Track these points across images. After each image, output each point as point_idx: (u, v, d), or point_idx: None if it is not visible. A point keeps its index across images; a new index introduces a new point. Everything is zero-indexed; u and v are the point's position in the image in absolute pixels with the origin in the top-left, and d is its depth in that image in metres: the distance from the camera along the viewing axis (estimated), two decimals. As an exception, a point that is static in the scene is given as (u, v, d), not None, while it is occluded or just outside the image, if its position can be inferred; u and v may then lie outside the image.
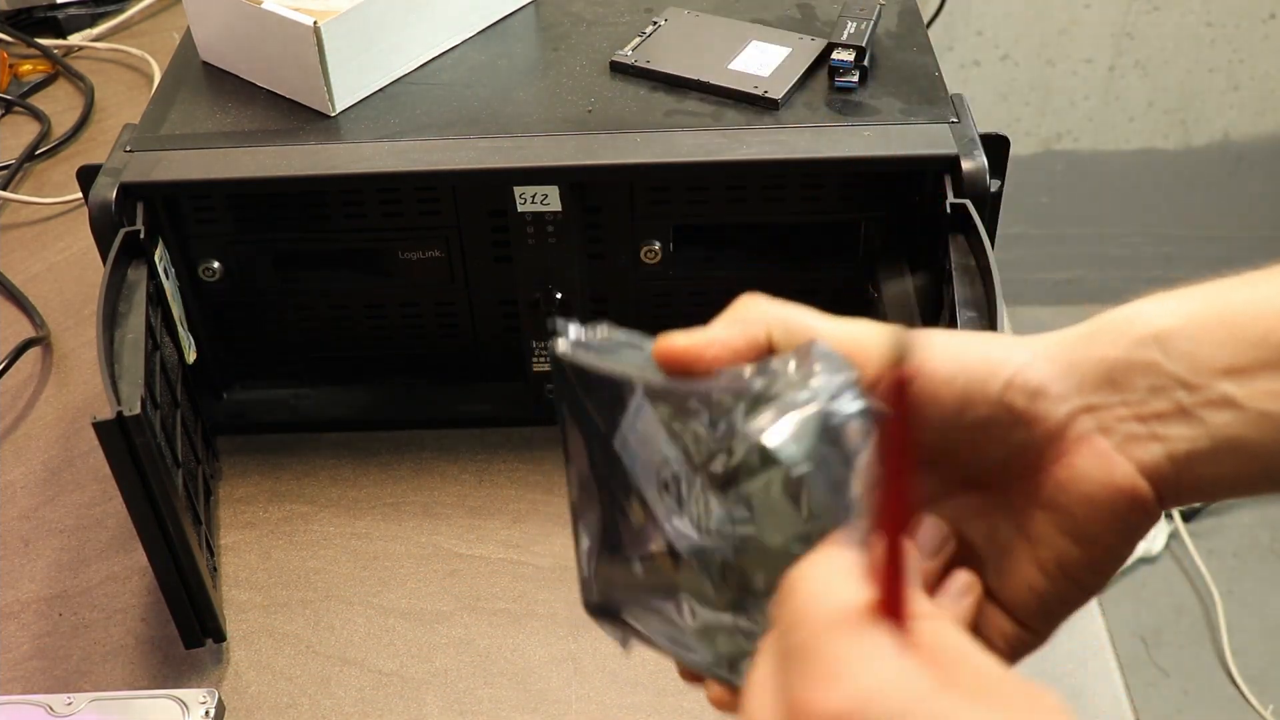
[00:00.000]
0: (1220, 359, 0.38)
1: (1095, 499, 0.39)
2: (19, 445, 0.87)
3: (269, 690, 0.71)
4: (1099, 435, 0.39)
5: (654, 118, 0.76)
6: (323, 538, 0.79)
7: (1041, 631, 0.42)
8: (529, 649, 0.73)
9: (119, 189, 0.72)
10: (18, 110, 1.19)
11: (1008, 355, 0.40)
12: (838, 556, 0.35)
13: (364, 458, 0.84)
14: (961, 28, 2.01)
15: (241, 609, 0.75)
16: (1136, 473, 0.39)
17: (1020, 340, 0.41)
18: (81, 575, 0.78)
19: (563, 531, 0.79)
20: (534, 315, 0.80)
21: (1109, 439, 0.39)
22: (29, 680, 0.72)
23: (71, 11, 1.28)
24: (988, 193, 0.71)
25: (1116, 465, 0.39)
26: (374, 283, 0.82)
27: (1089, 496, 0.39)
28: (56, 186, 1.09)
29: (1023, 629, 0.42)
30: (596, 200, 0.77)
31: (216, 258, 0.80)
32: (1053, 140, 2.15)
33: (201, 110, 0.79)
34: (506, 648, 0.73)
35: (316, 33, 0.75)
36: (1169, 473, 0.39)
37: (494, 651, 0.73)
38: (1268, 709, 1.73)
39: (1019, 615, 0.42)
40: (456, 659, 0.72)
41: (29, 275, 1.00)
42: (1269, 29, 2.01)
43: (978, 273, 0.67)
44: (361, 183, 0.75)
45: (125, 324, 0.68)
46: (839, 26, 0.80)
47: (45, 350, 0.94)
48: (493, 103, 0.78)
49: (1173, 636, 1.82)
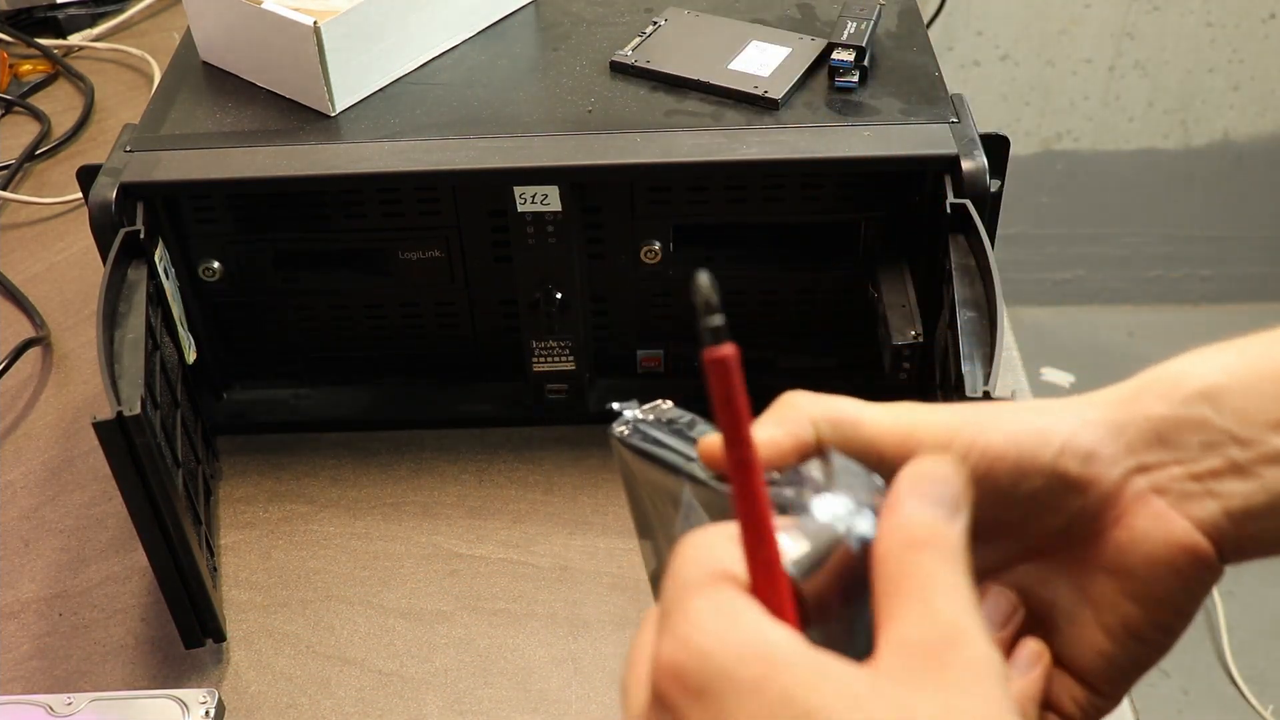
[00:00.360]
0: (1272, 413, 0.38)
1: (1156, 559, 0.39)
2: (19, 445, 0.87)
3: (269, 690, 0.71)
4: (1154, 495, 0.39)
5: (654, 118, 0.76)
6: (323, 538, 0.79)
7: (1112, 695, 0.42)
8: (529, 649, 0.72)
9: (119, 189, 0.72)
10: (18, 110, 1.19)
11: (1057, 422, 0.40)
12: (723, 527, 0.35)
13: (364, 458, 0.84)
14: (961, 28, 2.01)
15: (241, 609, 0.75)
16: (1195, 530, 0.39)
17: (1067, 404, 0.41)
18: (81, 575, 0.78)
19: (563, 531, 0.79)
20: (534, 315, 0.80)
21: (1164, 498, 0.39)
22: (29, 680, 0.72)
23: (71, 11, 1.28)
24: (988, 193, 0.71)
25: (1174, 524, 0.39)
26: (374, 283, 0.82)
27: (1150, 557, 0.39)
28: (56, 186, 1.09)
29: (1094, 693, 0.42)
30: (596, 200, 0.77)
31: (216, 258, 0.80)
32: (1053, 140, 2.15)
33: (201, 110, 0.79)
34: (506, 648, 0.73)
35: (316, 33, 0.75)
36: (1227, 529, 0.39)
37: (494, 651, 0.73)
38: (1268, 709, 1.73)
39: (1089, 679, 0.42)
40: (456, 659, 0.72)
41: (29, 275, 1.00)
42: (1269, 29, 2.01)
43: (978, 273, 0.67)
44: (361, 183, 0.75)
45: (125, 324, 0.68)
46: (839, 26, 0.80)
47: (45, 350, 0.94)
48: (493, 103, 0.78)
49: (1173, 636, 1.82)
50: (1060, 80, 2.07)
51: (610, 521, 0.79)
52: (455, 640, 0.73)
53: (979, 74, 2.06)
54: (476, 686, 0.71)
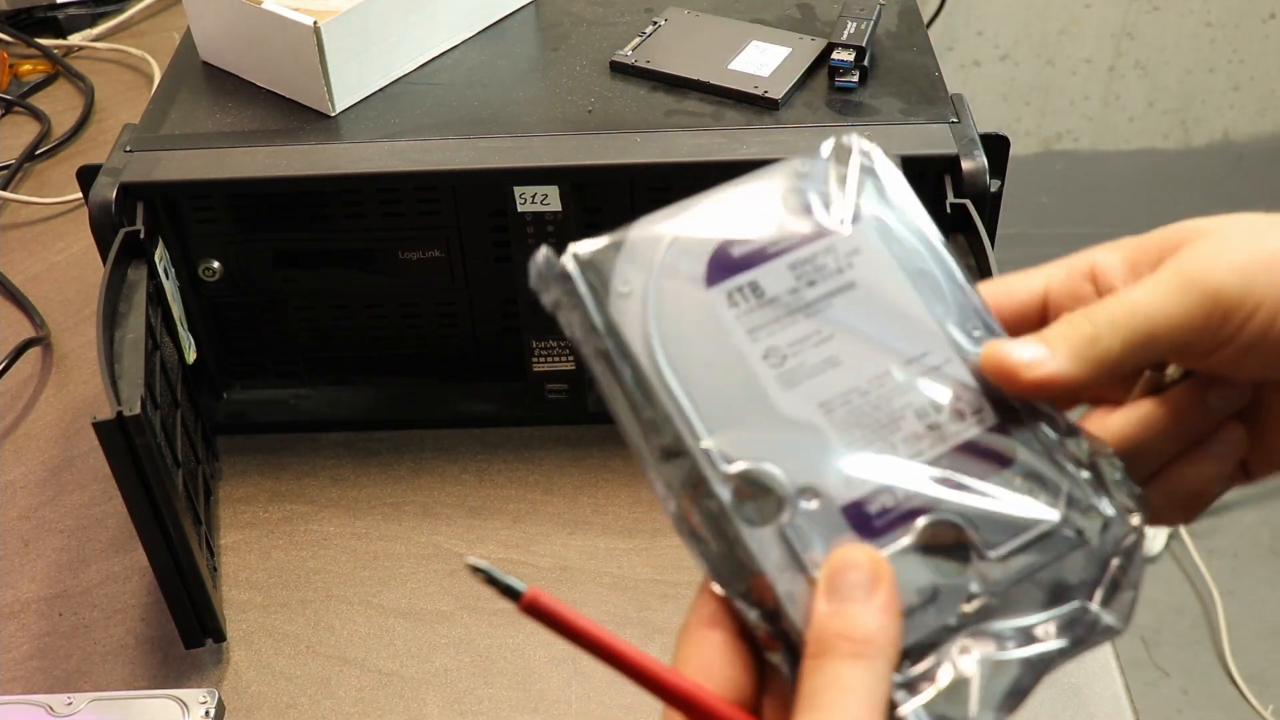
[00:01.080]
0: None
1: None
2: (19, 445, 0.87)
3: (269, 690, 0.71)
4: None
5: (654, 118, 0.76)
6: (323, 538, 0.79)
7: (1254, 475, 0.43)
8: (529, 649, 0.73)
9: (119, 189, 0.72)
10: (18, 110, 1.19)
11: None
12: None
13: (364, 458, 0.84)
14: (961, 28, 2.01)
15: (241, 609, 0.75)
16: None
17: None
18: (81, 575, 0.78)
19: (563, 531, 0.79)
20: (534, 315, 0.80)
21: None
22: (29, 680, 0.72)
23: (71, 11, 1.28)
24: (988, 193, 0.71)
25: None
26: (374, 283, 0.82)
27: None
28: (56, 186, 1.09)
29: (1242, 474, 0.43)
30: (596, 200, 0.77)
31: (216, 258, 0.80)
32: (1053, 140, 2.15)
33: (201, 110, 0.79)
34: (506, 648, 0.73)
35: (316, 33, 0.75)
36: None
37: (494, 651, 0.73)
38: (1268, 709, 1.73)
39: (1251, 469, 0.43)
40: (456, 659, 0.72)
41: (29, 275, 1.00)
42: (1269, 29, 2.01)
43: (978, 273, 0.67)
44: (361, 183, 0.75)
45: (125, 324, 0.68)
46: (839, 26, 0.80)
47: (45, 350, 0.94)
48: (493, 103, 0.78)
49: (1173, 636, 1.82)
50: (1060, 80, 2.07)
51: (610, 521, 0.79)
52: (455, 640, 0.73)
53: (979, 74, 2.06)
54: (476, 686, 0.71)
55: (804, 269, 0.40)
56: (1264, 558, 1.92)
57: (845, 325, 0.39)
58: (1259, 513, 1.99)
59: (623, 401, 0.37)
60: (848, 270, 0.40)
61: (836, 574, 0.35)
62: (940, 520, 0.37)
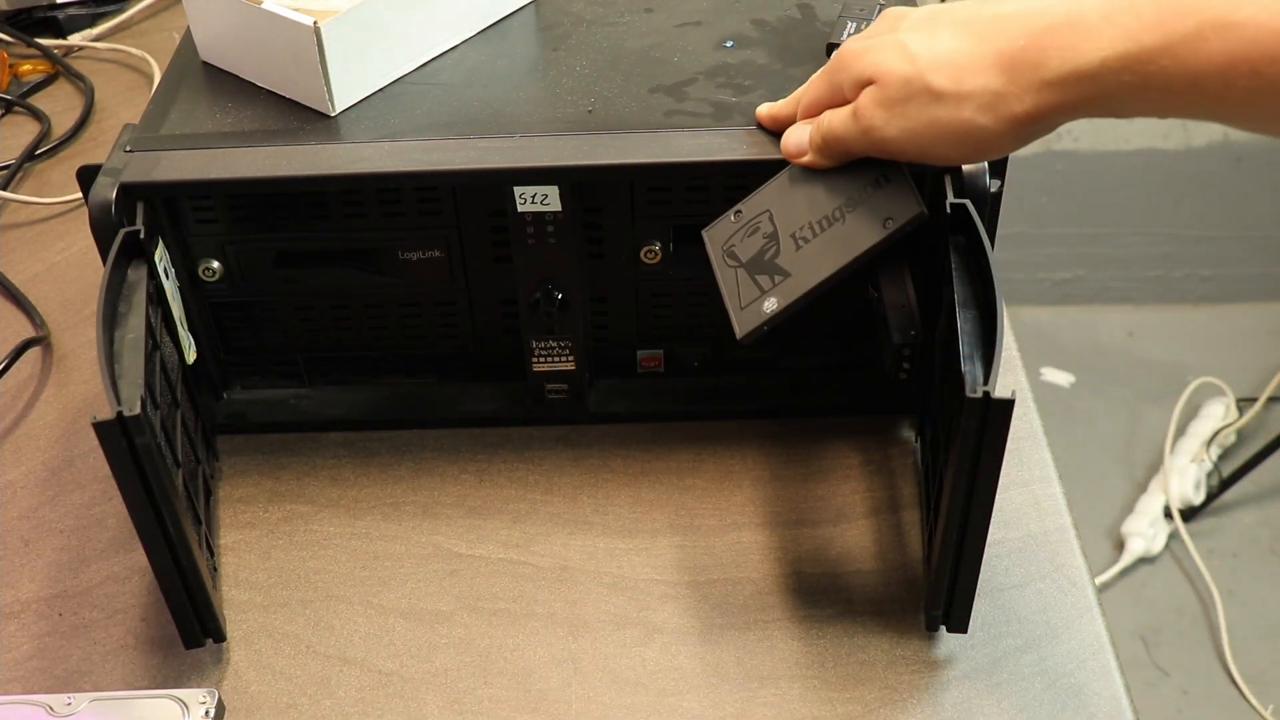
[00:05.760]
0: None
1: None
2: (19, 445, 0.87)
3: (269, 690, 0.71)
4: None
5: (654, 118, 0.76)
6: (323, 538, 0.79)
7: None
8: (529, 649, 0.73)
9: (119, 189, 0.72)
10: (18, 110, 1.19)
11: None
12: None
13: (364, 458, 0.84)
14: (961, 28, 2.00)
15: (241, 609, 0.75)
16: None
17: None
18: (81, 575, 0.78)
19: (563, 531, 0.79)
20: (534, 315, 0.80)
21: None
22: (29, 680, 0.72)
23: (71, 11, 1.28)
24: (987, 193, 0.71)
25: None
26: (374, 283, 0.82)
27: None
28: (56, 186, 1.09)
29: None
30: (596, 200, 0.77)
31: (216, 258, 0.80)
32: (1053, 140, 2.15)
33: (201, 110, 0.79)
34: (506, 648, 0.73)
35: (316, 33, 0.75)
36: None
37: (494, 651, 0.73)
38: (1268, 709, 1.74)
39: None
40: (456, 659, 0.72)
41: (29, 275, 1.00)
42: (1269, 29, 2.01)
43: (978, 273, 0.67)
44: (361, 183, 0.75)
45: (125, 324, 0.68)
46: (839, 26, 0.80)
47: (45, 350, 0.94)
48: (493, 103, 0.78)
49: (1173, 636, 1.82)
50: (1060, 80, 2.07)
51: (610, 521, 0.79)
52: (455, 640, 0.73)
53: (979, 74, 2.06)
54: (476, 686, 0.71)
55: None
56: (1264, 558, 1.93)
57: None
58: (1259, 513, 1.99)
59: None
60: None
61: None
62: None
